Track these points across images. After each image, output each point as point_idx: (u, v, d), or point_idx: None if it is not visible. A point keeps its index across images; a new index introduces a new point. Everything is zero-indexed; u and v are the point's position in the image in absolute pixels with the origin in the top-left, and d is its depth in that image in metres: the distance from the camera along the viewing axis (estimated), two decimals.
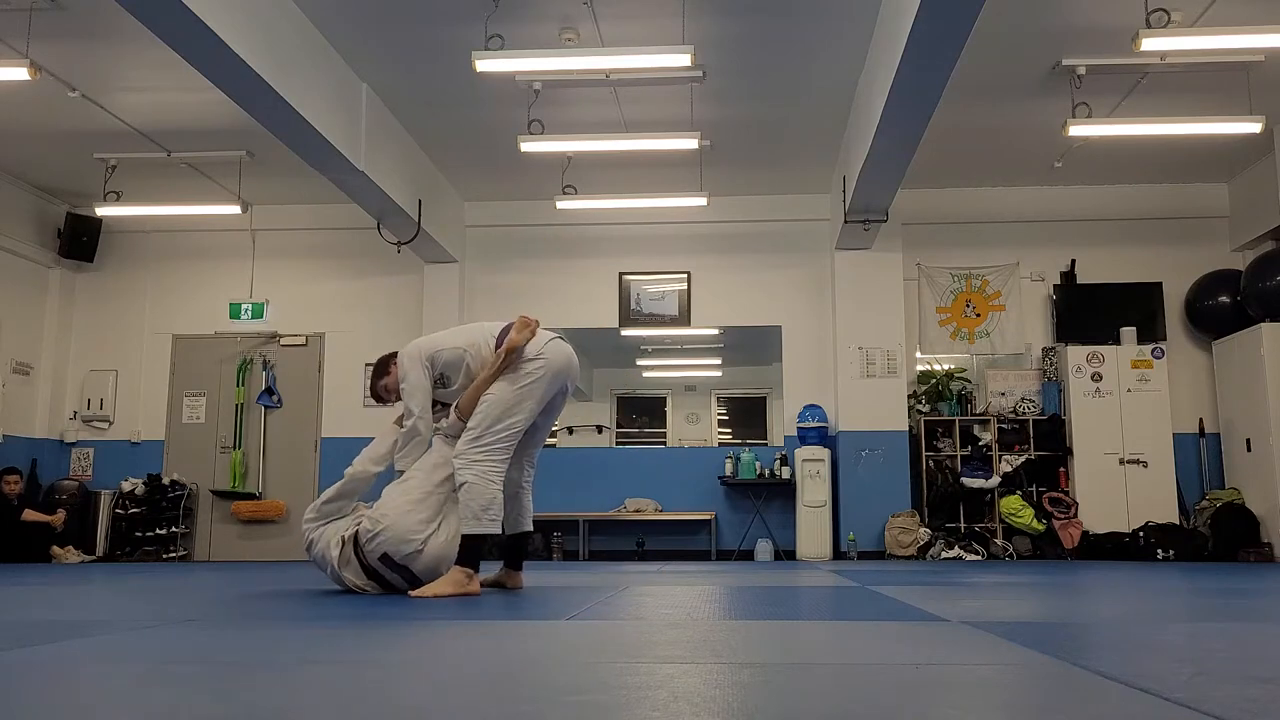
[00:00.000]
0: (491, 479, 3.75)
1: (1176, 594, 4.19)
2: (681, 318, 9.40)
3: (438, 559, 3.75)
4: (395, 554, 3.72)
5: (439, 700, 1.60)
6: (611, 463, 9.65)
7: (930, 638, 2.48)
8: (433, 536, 3.77)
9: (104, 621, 3.00)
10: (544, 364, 3.88)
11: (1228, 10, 5.90)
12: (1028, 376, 9.02)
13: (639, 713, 1.42)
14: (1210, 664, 1.99)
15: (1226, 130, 7.33)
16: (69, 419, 9.61)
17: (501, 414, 3.81)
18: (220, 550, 9.34)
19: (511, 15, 6.01)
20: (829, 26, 6.31)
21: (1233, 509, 8.20)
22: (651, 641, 2.38)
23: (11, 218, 9.05)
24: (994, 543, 8.33)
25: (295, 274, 9.71)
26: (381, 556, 3.74)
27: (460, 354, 3.98)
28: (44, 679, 1.84)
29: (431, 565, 3.74)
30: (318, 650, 2.26)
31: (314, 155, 6.75)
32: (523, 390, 3.84)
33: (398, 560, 3.73)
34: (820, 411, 8.90)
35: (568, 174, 8.13)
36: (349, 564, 3.85)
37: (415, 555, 3.73)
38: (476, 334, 4.03)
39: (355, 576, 3.84)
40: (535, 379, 3.86)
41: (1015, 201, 9.22)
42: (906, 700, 1.56)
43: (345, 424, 9.29)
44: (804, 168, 8.77)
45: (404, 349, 4.08)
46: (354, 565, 3.84)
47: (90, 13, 5.96)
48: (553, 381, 3.93)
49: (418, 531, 3.73)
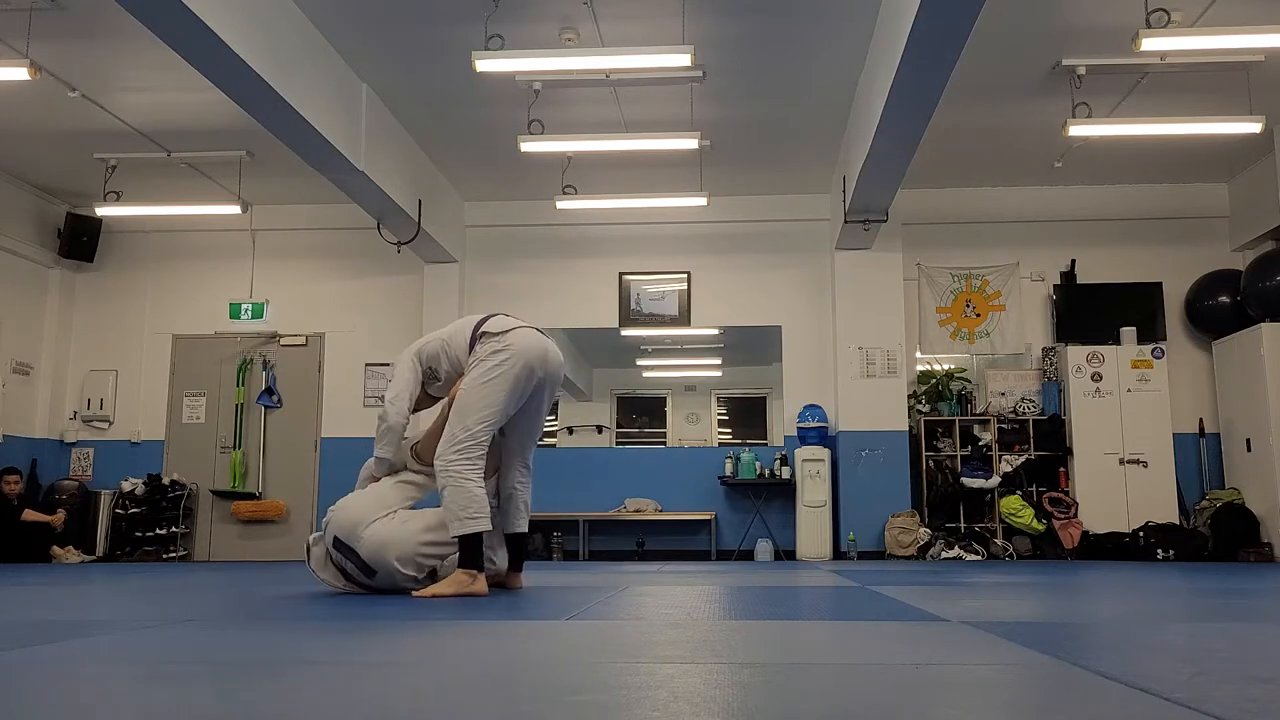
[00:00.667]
0: (468, 477, 3.71)
1: (1176, 594, 4.19)
2: (681, 318, 9.40)
3: (383, 542, 3.70)
4: (343, 535, 3.74)
5: (439, 700, 1.60)
6: (611, 463, 9.65)
7: (930, 638, 2.48)
8: (381, 521, 3.75)
9: (104, 621, 3.00)
10: (510, 354, 3.77)
11: (1228, 10, 5.90)
12: (1028, 376, 9.02)
13: (639, 713, 1.42)
14: (1210, 664, 1.99)
15: (1226, 130, 7.33)
16: (69, 419, 9.61)
17: (470, 410, 3.75)
18: (220, 550, 9.34)
19: (511, 15, 6.01)
20: (829, 26, 6.31)
21: (1233, 509, 8.21)
22: (651, 641, 2.38)
23: (11, 218, 9.05)
24: (994, 543, 8.33)
25: (295, 274, 9.71)
26: (334, 541, 3.76)
27: (440, 344, 4.01)
28: (44, 679, 1.84)
29: (376, 548, 3.68)
30: (318, 650, 2.27)
31: (314, 155, 6.75)
32: (490, 384, 3.75)
33: (345, 541, 3.73)
34: (820, 411, 8.90)
35: (568, 174, 8.13)
36: (326, 565, 3.89)
37: (359, 536, 3.71)
38: (458, 325, 4.06)
39: (333, 578, 3.88)
40: (502, 369, 3.76)
41: (1015, 201, 9.22)
42: (906, 700, 1.56)
43: (345, 424, 9.30)
44: (804, 168, 8.77)
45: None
46: (330, 569, 3.88)
47: (90, 13, 5.96)
48: (525, 372, 3.79)
49: (367, 515, 3.74)
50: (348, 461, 4.13)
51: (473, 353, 3.87)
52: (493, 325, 3.89)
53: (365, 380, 9.45)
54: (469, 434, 3.73)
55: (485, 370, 3.78)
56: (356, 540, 3.72)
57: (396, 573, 3.73)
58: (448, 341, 3.99)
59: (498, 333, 3.85)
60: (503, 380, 3.76)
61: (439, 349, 4.01)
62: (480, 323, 3.94)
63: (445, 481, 3.72)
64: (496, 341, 3.81)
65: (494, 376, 3.76)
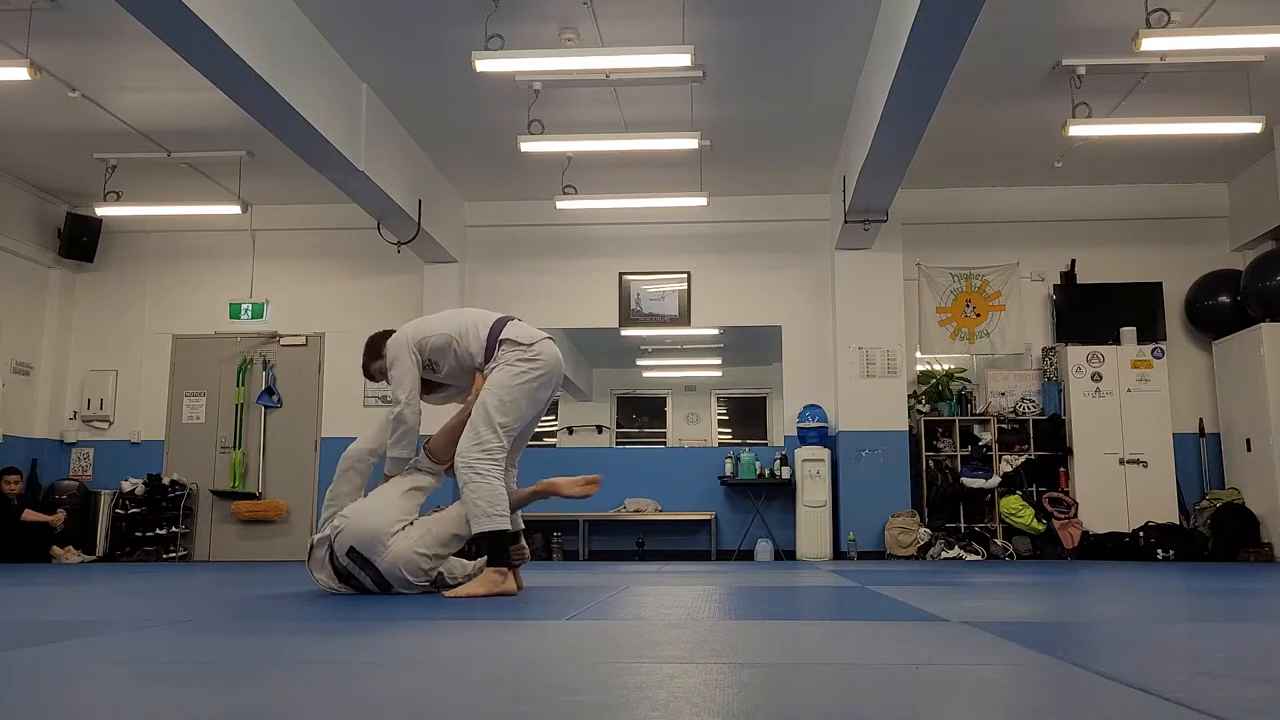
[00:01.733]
0: (493, 474, 3.75)
1: (1176, 594, 4.19)
2: (681, 318, 9.40)
3: (399, 557, 3.74)
4: (361, 548, 3.73)
5: (439, 700, 1.60)
6: (611, 463, 9.64)
7: (930, 638, 2.48)
8: (400, 535, 3.78)
9: (104, 621, 3.00)
10: (541, 367, 3.87)
11: (1228, 10, 5.90)
12: (1028, 376, 9.02)
13: (639, 713, 1.42)
14: (1210, 664, 1.99)
15: (1226, 130, 7.33)
16: (69, 419, 9.61)
17: (498, 413, 3.79)
18: (220, 550, 9.33)
19: (511, 15, 6.01)
20: (829, 26, 6.31)
21: (1233, 509, 8.20)
22: (651, 641, 2.38)
23: (11, 218, 9.05)
24: (994, 543, 8.33)
25: (295, 274, 9.71)
26: (349, 550, 3.75)
27: (448, 340, 3.98)
28: (44, 679, 1.84)
29: (394, 563, 3.74)
30: (317, 650, 2.26)
31: (314, 155, 6.75)
32: (519, 390, 3.83)
33: (363, 554, 3.73)
34: (820, 411, 8.90)
35: (568, 174, 8.13)
36: (323, 567, 3.87)
37: (381, 550, 3.73)
38: (467, 322, 4.02)
39: (329, 580, 3.86)
40: (532, 380, 3.85)
41: (1015, 201, 9.22)
42: (906, 700, 1.56)
43: (345, 424, 9.28)
44: (804, 168, 8.77)
45: (395, 334, 4.07)
46: (328, 568, 3.86)
47: (90, 13, 5.96)
48: (548, 383, 3.93)
49: (388, 528, 3.75)
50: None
51: (493, 357, 3.90)
52: (519, 334, 3.91)
53: (365, 380, 9.42)
54: (495, 435, 3.78)
55: (514, 376, 3.84)
56: (377, 555, 3.73)
57: (410, 585, 3.80)
58: (456, 340, 3.96)
59: (527, 343, 3.89)
60: (531, 390, 3.86)
61: (447, 345, 3.97)
62: (498, 326, 3.94)
63: (469, 478, 3.74)
64: (524, 351, 3.87)
65: (523, 384, 3.84)
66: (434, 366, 4.03)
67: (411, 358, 3.97)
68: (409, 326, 4.10)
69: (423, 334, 4.02)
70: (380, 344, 4.11)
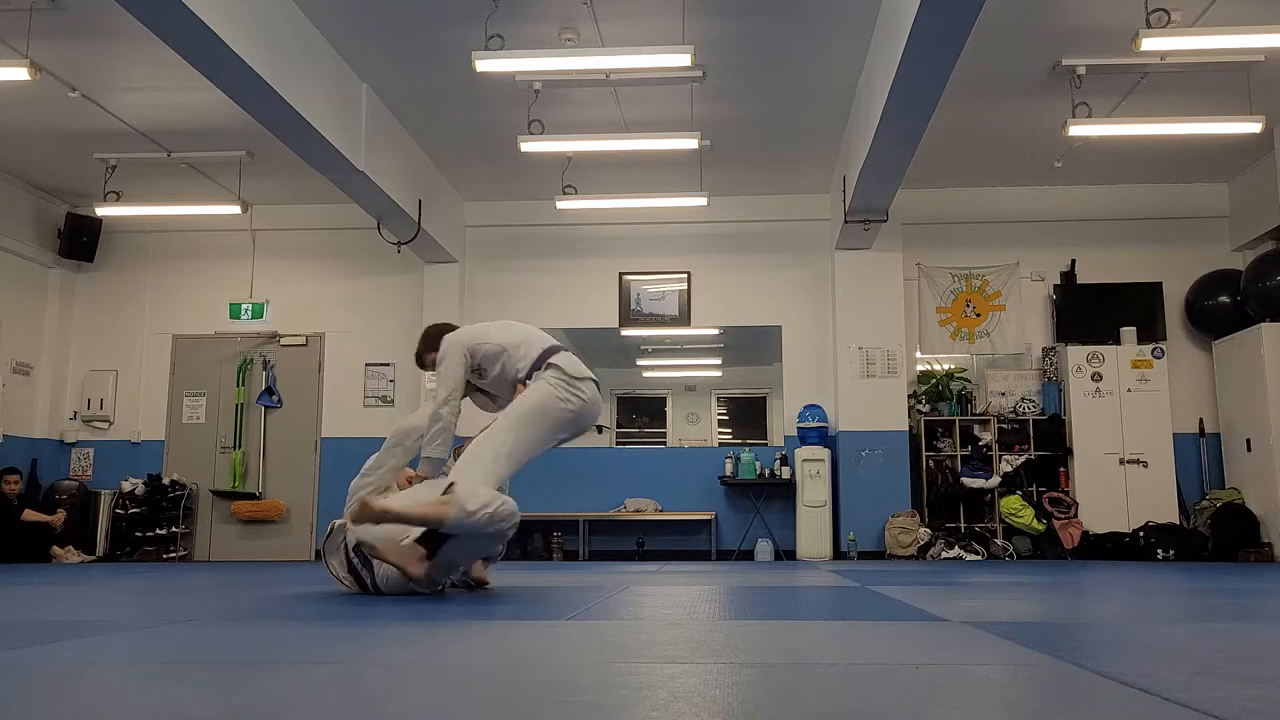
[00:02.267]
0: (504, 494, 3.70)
1: (1176, 594, 4.19)
2: (681, 318, 9.40)
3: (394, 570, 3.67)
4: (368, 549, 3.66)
5: (439, 700, 1.60)
6: (611, 463, 9.65)
7: (930, 638, 2.48)
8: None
9: (104, 621, 3.00)
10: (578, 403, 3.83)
11: (1228, 10, 5.89)
12: (1028, 376, 9.02)
13: (639, 713, 1.42)
14: (1210, 664, 1.99)
15: (1226, 130, 7.33)
16: (69, 419, 9.60)
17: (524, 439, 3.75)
18: (220, 550, 9.33)
19: (511, 15, 6.01)
20: (829, 26, 6.31)
21: (1233, 509, 8.20)
22: (651, 641, 2.38)
23: (11, 218, 9.05)
24: (994, 543, 8.33)
25: (295, 274, 9.71)
26: (357, 545, 3.70)
27: (501, 349, 3.98)
28: (44, 679, 1.84)
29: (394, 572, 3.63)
30: (318, 650, 2.27)
31: (314, 155, 6.75)
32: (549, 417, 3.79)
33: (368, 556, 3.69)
34: (820, 411, 8.90)
35: (568, 174, 8.13)
36: (337, 552, 3.84)
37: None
38: (522, 338, 4.02)
39: (339, 567, 3.83)
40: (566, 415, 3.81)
41: (1015, 201, 9.21)
42: (906, 700, 1.56)
43: (345, 424, 9.30)
44: (804, 168, 8.77)
45: (454, 332, 4.08)
46: (340, 554, 3.82)
47: (90, 13, 5.96)
48: (572, 423, 3.87)
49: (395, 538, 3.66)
50: (348, 461, 4.11)
51: (535, 374, 3.88)
52: (568, 364, 3.88)
53: (365, 380, 9.45)
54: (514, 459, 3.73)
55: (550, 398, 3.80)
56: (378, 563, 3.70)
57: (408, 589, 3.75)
58: (510, 353, 3.96)
59: (573, 375, 3.86)
60: (560, 423, 3.82)
61: (500, 355, 3.97)
62: (550, 350, 3.94)
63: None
64: (567, 381, 3.84)
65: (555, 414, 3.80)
66: (481, 371, 4.03)
67: (462, 359, 3.97)
68: (465, 330, 4.12)
69: (478, 340, 4.03)
70: (437, 337, 4.11)
